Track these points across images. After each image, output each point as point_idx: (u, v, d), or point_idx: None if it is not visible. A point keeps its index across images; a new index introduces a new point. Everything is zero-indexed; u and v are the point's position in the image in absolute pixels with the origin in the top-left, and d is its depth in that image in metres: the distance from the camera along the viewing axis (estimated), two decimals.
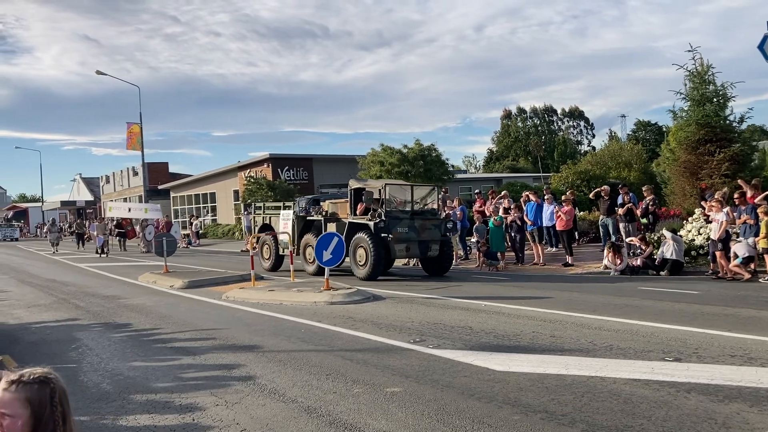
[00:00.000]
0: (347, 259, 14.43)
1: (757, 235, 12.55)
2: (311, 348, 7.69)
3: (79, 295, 14.10)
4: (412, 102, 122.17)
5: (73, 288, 15.57)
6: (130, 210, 29.45)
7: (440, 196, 17.41)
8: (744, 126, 20.07)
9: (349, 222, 15.24)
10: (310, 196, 33.30)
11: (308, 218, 16.78)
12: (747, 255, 12.62)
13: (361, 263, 14.55)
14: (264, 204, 19.83)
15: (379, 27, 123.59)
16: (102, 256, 27.42)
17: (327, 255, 11.99)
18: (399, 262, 17.95)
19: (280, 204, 19.27)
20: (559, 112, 78.31)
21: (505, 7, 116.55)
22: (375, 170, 29.39)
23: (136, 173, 51.89)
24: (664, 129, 44.11)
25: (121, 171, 58.51)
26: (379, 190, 15.15)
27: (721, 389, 5.26)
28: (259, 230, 18.76)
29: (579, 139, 78.50)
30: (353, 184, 16.16)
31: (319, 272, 14.16)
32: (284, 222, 17.11)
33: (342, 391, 5.73)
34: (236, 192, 41.45)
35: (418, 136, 79.02)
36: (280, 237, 16.99)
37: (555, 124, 78.48)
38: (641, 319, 8.58)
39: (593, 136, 78.88)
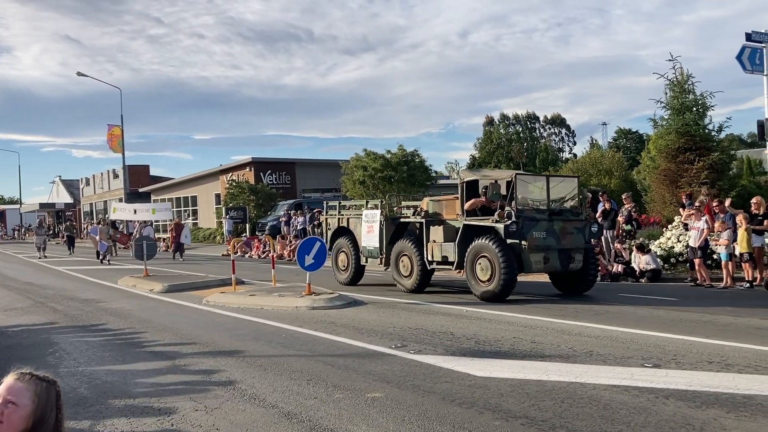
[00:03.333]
0: (460, 273, 11.97)
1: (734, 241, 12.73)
2: (292, 353, 7.65)
3: (57, 298, 13.93)
4: (396, 107, 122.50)
5: (51, 291, 15.38)
6: (135, 212, 26.98)
7: (582, 190, 13.45)
8: (722, 135, 20.36)
9: (464, 224, 11.96)
10: (292, 201, 33.49)
11: (402, 220, 13.72)
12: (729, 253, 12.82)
13: (483, 278, 11.25)
14: (339, 202, 16.23)
15: (364, 32, 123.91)
16: (104, 263, 24.52)
17: (309, 260, 11.94)
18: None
19: (362, 203, 15.92)
20: (541, 119, 78.86)
21: (490, 13, 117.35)
22: (358, 175, 29.39)
23: (116, 176, 51.41)
24: (645, 137, 44.58)
25: (102, 173, 57.96)
26: (508, 182, 11.83)
27: (699, 395, 5.31)
28: (332, 235, 15.41)
29: (561, 146, 79.06)
30: (466, 176, 12.98)
31: (417, 289, 12.73)
32: (368, 225, 14.15)
33: (323, 396, 5.71)
34: (218, 196, 41.27)
35: (401, 142, 79.17)
36: (363, 243, 14.22)
37: (537, 131, 78.99)
38: (621, 326, 8.65)
39: (575, 143, 79.48)
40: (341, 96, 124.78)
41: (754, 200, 13.60)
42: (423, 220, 12.88)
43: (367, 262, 14.43)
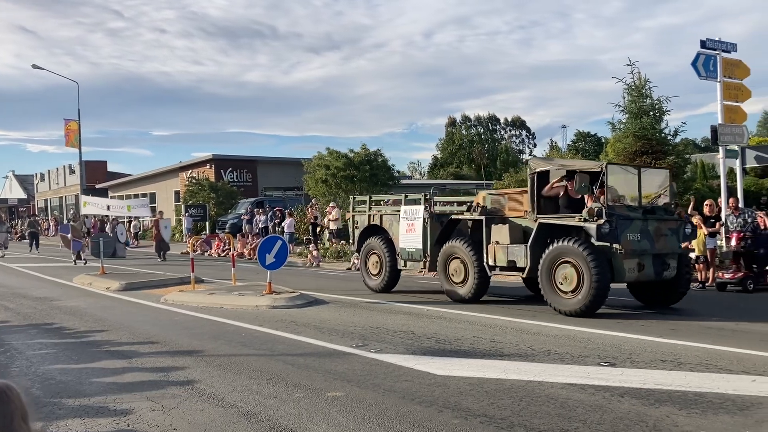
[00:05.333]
0: (540, 288, 9.93)
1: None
2: (252, 352, 7.59)
3: (9, 296, 13.56)
4: (360, 106, 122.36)
5: (3, 289, 14.96)
6: (109, 207, 25.89)
7: (673, 185, 11.24)
8: (678, 139, 20.87)
9: (540, 223, 10.08)
10: (253, 199, 33.23)
11: (453, 217, 11.73)
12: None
13: (566, 289, 9.47)
14: (370, 197, 14.15)
15: (328, 30, 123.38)
16: (79, 263, 21.53)
17: (270, 259, 11.85)
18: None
19: (398, 197, 14.00)
20: (502, 121, 79.75)
21: (454, 15, 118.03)
22: (320, 174, 29.30)
23: (72, 171, 50.33)
24: (603, 140, 45.44)
25: (57, 169, 56.66)
26: (594, 173, 9.86)
27: (653, 393, 5.44)
28: (361, 234, 13.58)
29: (521, 148, 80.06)
30: (538, 165, 10.73)
31: (473, 298, 11.04)
32: (408, 222, 12.21)
33: (283, 395, 5.68)
34: (177, 193, 40.71)
35: (364, 141, 78.99)
36: (402, 244, 12.42)
37: (498, 132, 79.87)
38: (578, 325, 8.80)
39: (535, 145, 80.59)
40: (305, 94, 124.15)
41: (707, 203, 13.98)
42: (483, 218, 10.95)
43: (405, 265, 12.57)
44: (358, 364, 6.78)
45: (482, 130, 77.68)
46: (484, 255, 10.77)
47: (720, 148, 15.71)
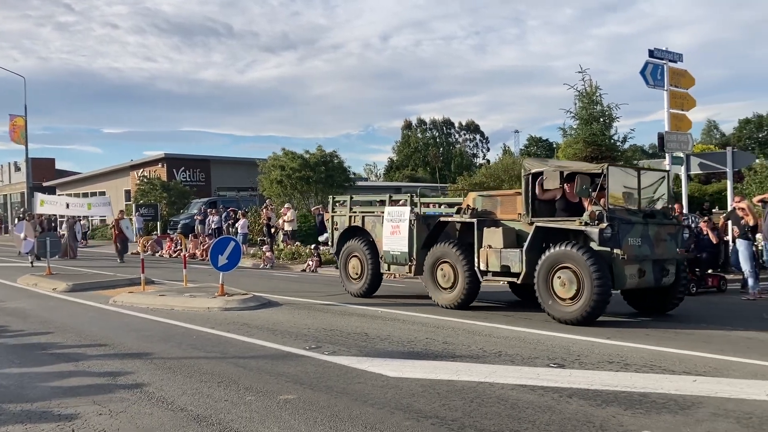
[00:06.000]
0: (537, 295, 9.39)
1: None
2: (203, 355, 7.49)
3: None
4: (316, 107, 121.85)
5: None
6: (68, 206, 24.37)
7: (671, 188, 10.99)
8: (627, 145, 21.40)
9: (537, 226, 9.64)
10: (206, 199, 32.78)
11: (442, 219, 11.29)
12: None
13: (565, 296, 9.06)
14: (351, 197, 13.54)
15: (285, 29, 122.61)
16: (36, 264, 19.58)
17: (222, 260, 11.68)
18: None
19: (381, 197, 13.56)
20: (456, 125, 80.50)
21: (411, 18, 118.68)
22: (275, 174, 29.11)
23: (18, 168, 48.82)
24: (555, 145, 46.35)
25: (2, 166, 54.82)
26: (593, 175, 9.53)
27: (600, 394, 5.57)
28: (341, 236, 13.07)
29: (475, 152, 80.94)
30: (534, 166, 10.18)
31: (462, 304, 10.59)
32: (393, 224, 11.78)
33: (234, 398, 5.62)
34: (128, 192, 39.92)
35: (321, 142, 78.49)
36: (386, 247, 11.97)
37: (453, 136, 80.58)
38: (529, 327, 8.94)
39: (488, 149, 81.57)
40: (260, 93, 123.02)
41: None
42: (474, 221, 10.48)
43: (389, 269, 12.13)
44: (311, 367, 6.76)
45: (437, 134, 78.29)
46: (476, 259, 10.33)
47: (666, 154, 16.18)
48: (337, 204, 13.65)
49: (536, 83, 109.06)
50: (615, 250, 8.94)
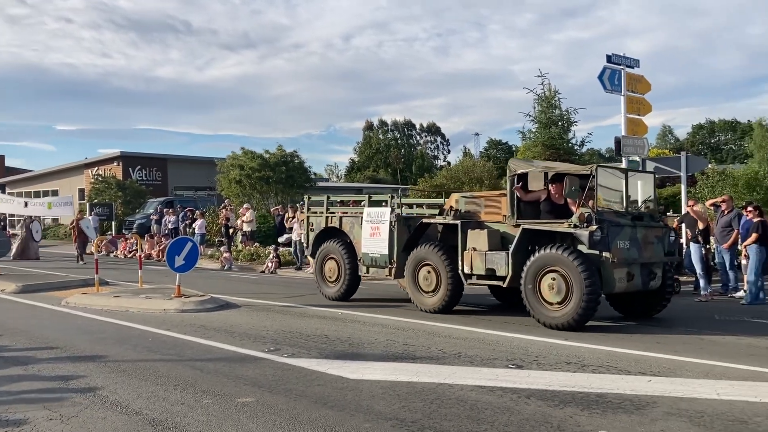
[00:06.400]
0: (523, 299, 9.20)
1: None
2: (159, 357, 7.34)
3: None
4: (277, 107, 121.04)
5: None
6: (26, 205, 23.41)
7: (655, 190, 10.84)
8: (584, 149, 21.83)
9: (524, 229, 9.42)
10: (163, 198, 32.23)
11: (424, 221, 10.89)
12: None
13: (553, 300, 8.85)
14: (328, 197, 13.04)
15: (245, 28, 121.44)
16: None
17: (179, 261, 11.49)
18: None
19: (360, 198, 13.28)
20: (417, 127, 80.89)
21: (373, 19, 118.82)
22: (234, 174, 28.78)
23: None
24: (514, 148, 46.93)
25: None
26: (581, 176, 9.26)
27: (557, 394, 5.63)
28: (316, 237, 12.71)
29: (436, 153, 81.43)
30: (519, 166, 10.06)
31: (445, 308, 10.33)
32: (373, 226, 11.44)
33: (191, 402, 5.52)
34: (82, 191, 38.98)
35: (281, 142, 77.86)
36: (365, 249, 11.58)
37: (414, 138, 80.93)
38: (488, 328, 9.01)
39: (449, 151, 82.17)
40: (219, 92, 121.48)
41: None
42: (458, 222, 10.20)
43: (368, 272, 11.78)
44: (270, 369, 6.68)
45: (399, 135, 78.55)
46: (459, 262, 10.05)
47: (623, 158, 16.49)
48: (312, 204, 13.26)
49: (497, 86, 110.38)
50: (604, 254, 8.75)
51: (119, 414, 5.21)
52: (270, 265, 18.96)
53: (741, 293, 12.15)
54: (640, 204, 10.01)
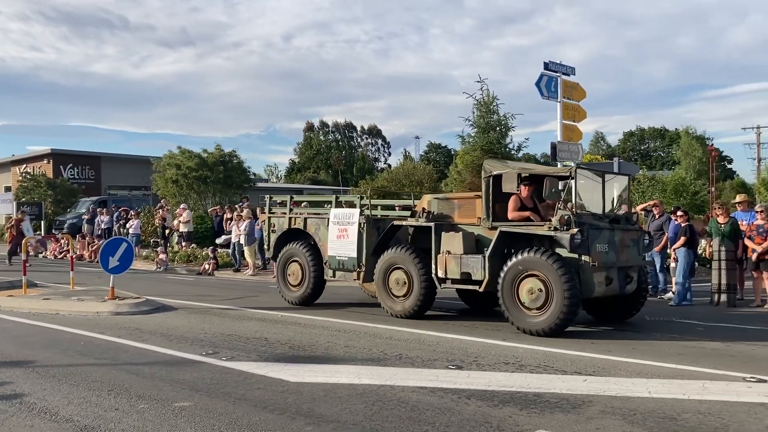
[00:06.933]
0: (501, 305, 8.94)
1: None
2: (92, 362, 7.10)
3: None
4: (215, 105, 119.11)
5: None
6: None
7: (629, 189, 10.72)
8: (521, 154, 22.23)
9: (501, 232, 9.18)
10: (96, 198, 31.23)
11: (395, 223, 10.57)
12: None
13: (533, 305, 8.62)
14: (291, 197, 12.65)
15: (184, 24, 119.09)
16: None
17: (113, 262, 11.16)
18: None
19: (326, 198, 12.94)
20: (358, 129, 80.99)
21: (314, 20, 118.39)
22: (171, 173, 28.16)
23: None
24: (453, 152, 47.53)
25: None
26: (568, 176, 9.09)
27: (497, 394, 5.71)
28: (278, 239, 12.25)
29: (377, 156, 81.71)
30: (495, 167, 9.76)
31: (417, 313, 10.04)
32: (340, 227, 11.03)
33: (125, 407, 5.35)
34: (9, 189, 37.39)
35: (219, 141, 76.68)
36: (332, 252, 11.16)
37: (355, 140, 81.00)
38: (429, 329, 9.07)
39: (390, 154, 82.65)
40: (156, 89, 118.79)
41: None
42: (432, 225, 9.91)
43: (334, 276, 11.29)
44: (208, 373, 6.55)
45: (340, 137, 78.45)
46: (433, 266, 9.76)
47: (558, 163, 16.90)
48: (274, 204, 12.79)
49: (437, 90, 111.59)
50: (584, 257, 8.59)
51: (48, 421, 5.01)
52: (207, 266, 18.61)
53: (670, 294, 12.62)
54: (614, 206, 9.85)
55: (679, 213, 12.61)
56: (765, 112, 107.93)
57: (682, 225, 12.23)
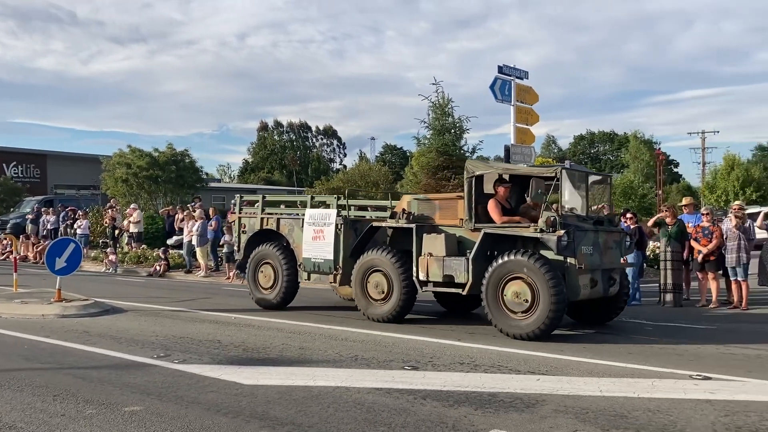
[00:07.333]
0: (485, 309, 8.73)
1: None
2: (36, 366, 6.87)
3: None
4: (167, 104, 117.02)
5: None
6: None
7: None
8: (475, 156, 22.43)
9: (485, 233, 8.97)
10: (41, 197, 30.30)
11: (375, 224, 10.27)
12: None
13: (519, 309, 8.44)
14: (263, 197, 12.28)
15: (135, 21, 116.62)
16: None
17: (60, 263, 10.84)
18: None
19: (301, 198, 12.30)
20: (313, 129, 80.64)
21: (269, 19, 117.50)
22: (120, 173, 27.58)
23: None
24: (408, 154, 47.79)
25: None
26: (554, 176, 8.89)
27: (452, 395, 5.74)
28: (249, 240, 11.78)
29: (332, 156, 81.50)
30: (478, 168, 9.56)
31: (397, 317, 9.77)
32: (316, 228, 10.63)
33: (72, 413, 5.19)
34: None
35: (171, 140, 75.20)
36: (307, 254, 10.78)
37: (310, 140, 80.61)
38: (384, 330, 9.07)
39: (345, 155, 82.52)
40: (105, 87, 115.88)
41: None
42: (413, 226, 9.61)
43: (309, 278, 10.91)
44: (160, 376, 6.41)
45: (294, 137, 77.96)
46: (414, 268, 9.50)
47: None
48: (245, 204, 12.34)
49: (392, 92, 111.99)
50: (569, 259, 8.48)
51: None
52: (158, 268, 18.25)
53: None
54: (595, 208, 9.63)
55: (628, 215, 12.90)
56: (710, 117, 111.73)
57: (632, 227, 12.50)
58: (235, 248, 12.35)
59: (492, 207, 9.26)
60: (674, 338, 8.77)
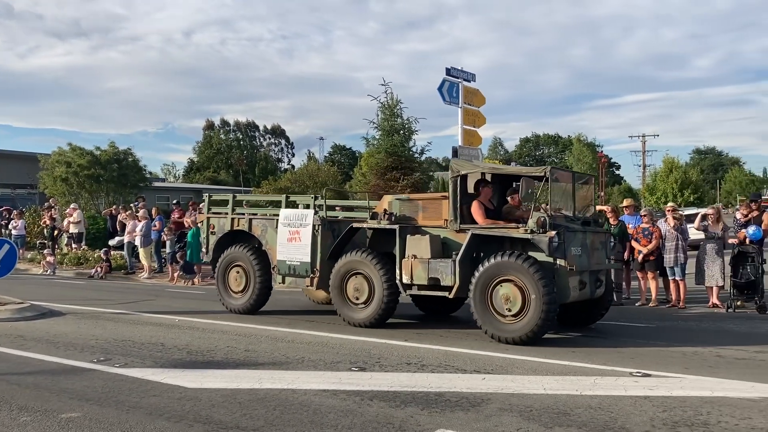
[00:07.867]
0: (472, 313, 8.44)
1: None
2: None
3: None
4: (109, 101, 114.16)
5: None
6: None
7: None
8: (424, 157, 22.63)
9: (472, 235, 8.70)
10: None
11: (355, 225, 9.85)
12: None
13: (508, 312, 8.15)
14: (234, 196, 11.86)
15: (76, 15, 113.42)
16: None
17: None
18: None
19: (275, 198, 11.88)
20: (261, 128, 79.85)
21: (216, 16, 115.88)
22: (60, 171, 26.75)
23: None
24: (357, 154, 47.80)
25: None
26: (542, 176, 8.65)
27: (399, 395, 5.75)
28: (218, 242, 11.28)
29: (280, 156, 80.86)
30: (463, 167, 9.33)
31: (378, 322, 9.38)
32: (291, 230, 10.18)
33: (6, 420, 4.99)
34: None
35: (114, 138, 73.17)
36: (282, 257, 10.30)
37: (257, 140, 79.79)
38: (332, 332, 9.03)
39: (293, 155, 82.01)
40: (44, 82, 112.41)
41: None
42: (396, 227, 9.26)
43: (284, 282, 10.41)
44: (99, 381, 6.23)
45: (241, 136, 77.02)
46: (398, 271, 9.17)
47: None
48: (214, 204, 11.85)
49: (341, 92, 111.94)
50: (559, 261, 8.22)
51: None
52: (99, 269, 17.74)
53: None
54: (580, 208, 9.52)
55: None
56: (650, 121, 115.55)
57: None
58: (203, 249, 11.90)
59: (475, 208, 9.08)
60: (615, 336, 8.99)
